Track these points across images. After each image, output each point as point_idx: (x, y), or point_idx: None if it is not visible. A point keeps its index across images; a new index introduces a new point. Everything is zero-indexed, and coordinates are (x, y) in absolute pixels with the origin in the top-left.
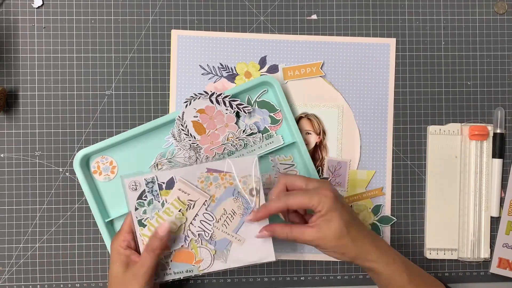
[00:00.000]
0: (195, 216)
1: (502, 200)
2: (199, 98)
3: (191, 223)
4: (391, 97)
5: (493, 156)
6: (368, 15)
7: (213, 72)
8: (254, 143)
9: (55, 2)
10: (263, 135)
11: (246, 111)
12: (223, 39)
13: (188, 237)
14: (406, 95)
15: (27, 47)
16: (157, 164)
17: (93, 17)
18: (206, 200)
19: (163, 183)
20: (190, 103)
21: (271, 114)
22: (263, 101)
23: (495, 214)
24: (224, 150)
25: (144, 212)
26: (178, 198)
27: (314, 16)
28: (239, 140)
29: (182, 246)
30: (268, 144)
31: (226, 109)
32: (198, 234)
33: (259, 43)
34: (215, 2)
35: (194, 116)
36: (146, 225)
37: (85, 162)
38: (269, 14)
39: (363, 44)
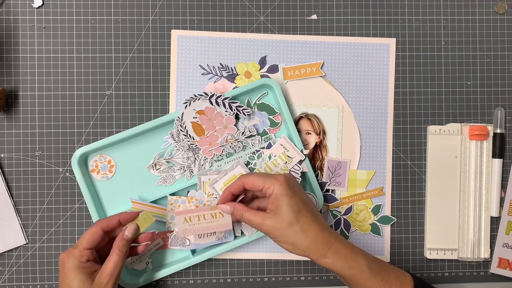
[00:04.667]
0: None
1: (502, 200)
2: (198, 99)
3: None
4: (391, 97)
5: (493, 156)
6: (368, 15)
7: (213, 72)
8: (252, 145)
9: (55, 2)
10: (262, 137)
11: (246, 113)
12: (223, 39)
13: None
14: (406, 95)
15: (27, 47)
16: (155, 164)
17: (93, 17)
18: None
19: None
20: (189, 104)
21: (271, 116)
22: (262, 104)
23: (495, 214)
24: (222, 151)
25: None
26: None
27: (314, 16)
28: (238, 142)
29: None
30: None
31: (226, 111)
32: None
33: (259, 43)
34: (215, 2)
35: (193, 117)
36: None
37: (84, 161)
38: (269, 14)
39: (363, 44)
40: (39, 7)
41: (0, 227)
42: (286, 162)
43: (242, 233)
